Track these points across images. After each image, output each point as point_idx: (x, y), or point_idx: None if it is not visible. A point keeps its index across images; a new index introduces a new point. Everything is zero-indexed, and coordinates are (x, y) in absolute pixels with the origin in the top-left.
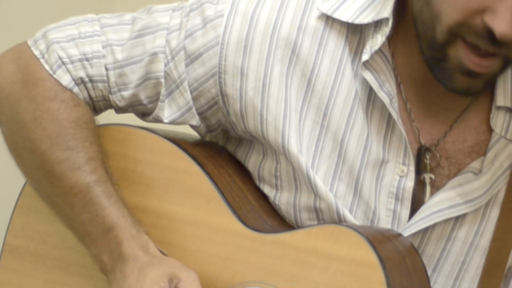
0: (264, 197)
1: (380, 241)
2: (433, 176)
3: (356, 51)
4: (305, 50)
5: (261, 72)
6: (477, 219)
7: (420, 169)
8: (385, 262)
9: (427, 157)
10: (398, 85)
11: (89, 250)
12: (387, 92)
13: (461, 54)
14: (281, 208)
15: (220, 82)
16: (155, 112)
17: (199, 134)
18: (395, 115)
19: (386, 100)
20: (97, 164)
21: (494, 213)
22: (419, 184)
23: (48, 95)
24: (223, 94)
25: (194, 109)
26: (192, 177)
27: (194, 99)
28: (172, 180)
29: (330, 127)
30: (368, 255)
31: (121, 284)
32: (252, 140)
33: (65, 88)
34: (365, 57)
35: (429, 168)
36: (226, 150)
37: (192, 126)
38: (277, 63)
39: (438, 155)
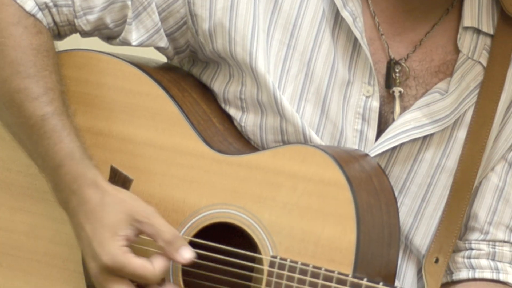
0: (229, 120)
1: (347, 160)
2: (402, 90)
3: None
4: None
5: None
6: (443, 141)
7: (389, 83)
8: (352, 181)
9: (396, 71)
10: (366, 1)
11: (48, 183)
12: (350, 11)
13: None
14: (247, 130)
15: (188, 2)
16: (123, 35)
17: (167, 56)
18: (358, 35)
19: (349, 19)
20: (55, 94)
21: (460, 135)
22: (387, 105)
23: (11, 21)
24: (192, 14)
25: (162, 30)
26: (156, 101)
27: (162, 20)
28: (136, 104)
29: (297, 47)
30: (335, 174)
31: (79, 232)
32: (219, 62)
33: (28, 13)
34: None
35: (398, 82)
36: (190, 75)
37: (159, 48)
38: None
39: (407, 69)
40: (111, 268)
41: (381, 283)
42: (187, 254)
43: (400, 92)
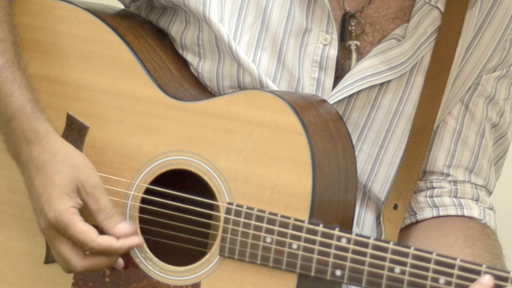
0: (186, 66)
1: (303, 106)
2: (358, 43)
3: None
4: None
5: None
6: (401, 86)
7: (345, 36)
8: (307, 126)
9: (352, 23)
10: None
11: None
12: None
13: None
14: (203, 76)
15: None
16: None
17: (123, 3)
18: None
19: None
20: (6, 46)
21: (418, 80)
22: (344, 52)
23: None
24: None
25: None
26: (111, 48)
27: None
28: (92, 51)
29: None
30: (290, 120)
31: (29, 186)
32: (175, 9)
33: None
34: None
35: (354, 35)
36: (147, 21)
37: None
38: None
39: (363, 22)
40: (55, 226)
41: (337, 229)
42: (124, 227)
43: (356, 45)
